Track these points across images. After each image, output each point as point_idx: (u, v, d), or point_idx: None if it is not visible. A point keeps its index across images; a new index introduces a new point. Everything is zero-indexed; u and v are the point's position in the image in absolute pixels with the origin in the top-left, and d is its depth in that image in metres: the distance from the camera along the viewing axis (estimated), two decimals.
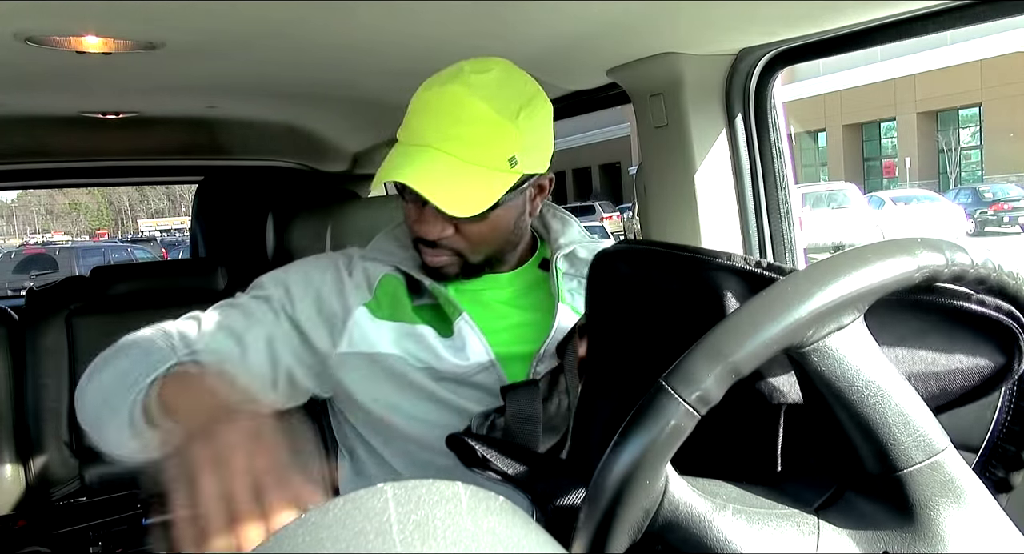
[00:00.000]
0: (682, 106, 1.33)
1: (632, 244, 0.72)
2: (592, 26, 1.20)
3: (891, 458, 0.51)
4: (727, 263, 0.64)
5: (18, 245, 25.76)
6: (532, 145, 0.97)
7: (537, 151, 0.99)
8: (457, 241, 1.00)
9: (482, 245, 1.01)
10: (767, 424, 0.64)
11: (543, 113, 1.00)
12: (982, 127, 20.26)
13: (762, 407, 0.64)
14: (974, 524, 0.51)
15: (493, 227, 1.00)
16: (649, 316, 0.68)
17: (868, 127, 22.97)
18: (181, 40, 1.20)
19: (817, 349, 0.51)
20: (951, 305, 0.59)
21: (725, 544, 0.50)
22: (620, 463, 0.47)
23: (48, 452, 1.95)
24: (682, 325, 0.65)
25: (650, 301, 0.68)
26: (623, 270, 0.70)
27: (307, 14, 1.10)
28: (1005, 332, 0.60)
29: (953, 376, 0.60)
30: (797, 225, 1.41)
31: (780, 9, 1.08)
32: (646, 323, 0.68)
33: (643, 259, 0.69)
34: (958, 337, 0.60)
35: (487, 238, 1.01)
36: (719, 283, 0.63)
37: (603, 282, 0.71)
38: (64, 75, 1.41)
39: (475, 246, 1.01)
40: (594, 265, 0.72)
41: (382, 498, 0.40)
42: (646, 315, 0.68)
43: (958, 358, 0.60)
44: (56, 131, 2.02)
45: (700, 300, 0.64)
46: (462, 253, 1.01)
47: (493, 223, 0.99)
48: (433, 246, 1.00)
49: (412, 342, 1.01)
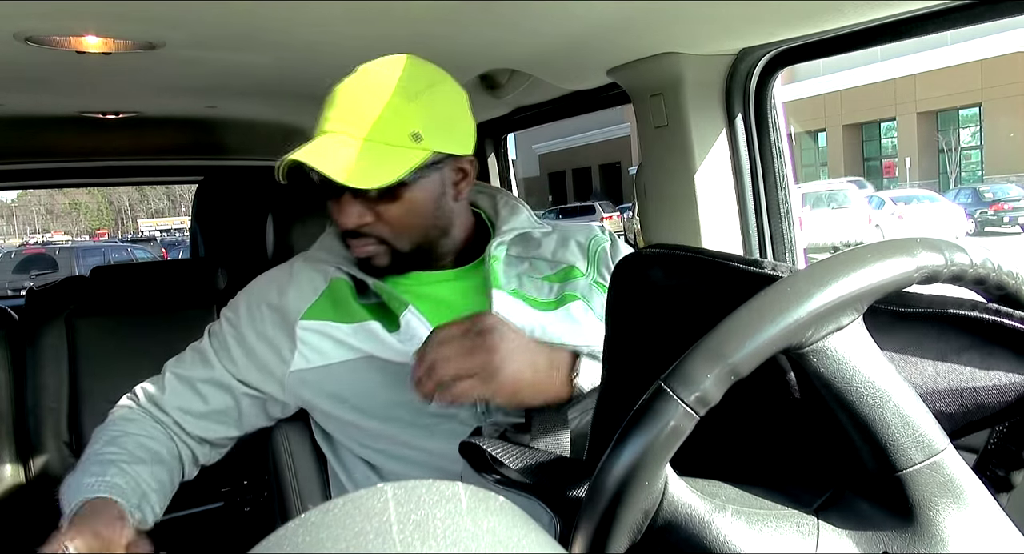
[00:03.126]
0: (682, 106, 1.33)
1: (666, 248, 0.69)
2: (592, 26, 1.20)
3: (891, 458, 0.51)
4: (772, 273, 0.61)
5: (18, 245, 25.77)
6: (438, 123, 0.96)
7: (446, 130, 0.98)
8: (378, 228, 0.99)
9: (403, 230, 0.99)
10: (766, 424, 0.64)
11: (452, 96, 1.00)
12: (982, 127, 20.26)
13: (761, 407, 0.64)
14: (974, 524, 0.51)
15: (410, 209, 0.98)
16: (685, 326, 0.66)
17: (868, 127, 22.97)
18: (181, 40, 1.21)
19: (816, 350, 0.51)
20: (991, 322, 0.59)
21: (725, 545, 0.50)
22: (619, 464, 0.47)
23: (48, 452, 1.95)
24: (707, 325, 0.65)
25: (688, 311, 0.65)
26: (657, 275, 0.67)
27: (307, 14, 1.10)
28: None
29: (990, 392, 0.60)
30: (797, 225, 1.41)
31: (780, 9, 1.08)
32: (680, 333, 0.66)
33: (681, 266, 0.67)
34: (997, 354, 0.60)
35: (406, 222, 0.99)
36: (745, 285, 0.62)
37: (633, 287, 0.68)
38: (64, 75, 1.41)
39: (397, 231, 0.99)
40: (622, 267, 0.69)
41: (382, 498, 0.40)
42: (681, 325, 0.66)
43: (996, 374, 0.60)
44: (56, 131, 2.02)
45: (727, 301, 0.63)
46: (387, 240, 1.00)
47: (409, 205, 0.98)
48: (356, 236, 1.00)
49: (361, 340, 1.01)
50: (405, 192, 0.96)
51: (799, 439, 0.64)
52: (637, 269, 0.69)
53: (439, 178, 1.00)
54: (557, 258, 1.10)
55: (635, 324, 0.69)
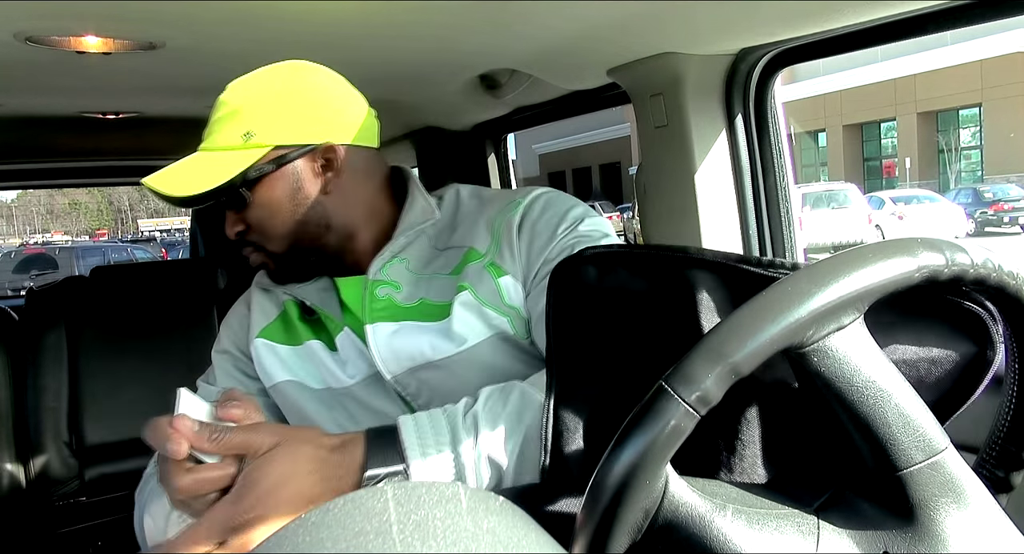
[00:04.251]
0: (682, 106, 1.33)
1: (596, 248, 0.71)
2: (592, 26, 1.20)
3: (891, 458, 0.51)
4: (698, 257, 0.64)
5: (18, 245, 25.77)
6: (275, 118, 0.93)
7: (287, 123, 0.94)
8: (252, 235, 0.98)
9: (269, 232, 0.97)
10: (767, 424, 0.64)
11: (297, 86, 0.96)
12: (982, 127, 20.25)
13: (763, 406, 0.64)
14: (974, 524, 0.51)
15: (265, 209, 0.95)
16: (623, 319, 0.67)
17: (868, 127, 22.97)
18: (181, 40, 1.20)
19: (817, 349, 0.51)
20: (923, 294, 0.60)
21: (725, 544, 0.50)
22: (620, 463, 0.47)
23: (48, 452, 1.95)
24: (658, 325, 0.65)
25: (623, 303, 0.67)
26: (591, 274, 0.69)
27: (307, 14, 1.10)
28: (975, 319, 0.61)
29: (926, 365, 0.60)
30: (797, 225, 1.41)
31: (780, 9, 1.08)
32: (620, 326, 0.67)
33: (611, 262, 0.68)
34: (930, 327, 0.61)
35: (268, 224, 0.96)
36: (692, 279, 0.63)
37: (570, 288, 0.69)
38: (64, 75, 1.41)
39: (266, 235, 0.97)
40: (558, 272, 0.70)
41: (382, 498, 0.40)
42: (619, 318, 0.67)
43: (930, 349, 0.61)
44: (56, 131, 2.02)
45: (674, 297, 0.64)
46: (262, 246, 0.98)
47: (264, 206, 0.95)
48: (241, 246, 0.99)
49: (302, 361, 0.98)
50: (255, 194, 0.94)
51: (800, 439, 0.64)
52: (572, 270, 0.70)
53: (290, 173, 0.95)
54: (458, 242, 0.99)
55: (577, 326, 0.69)
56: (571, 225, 0.94)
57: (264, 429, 0.73)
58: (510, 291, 0.92)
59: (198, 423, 0.70)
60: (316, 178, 0.96)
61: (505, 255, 0.93)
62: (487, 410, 0.75)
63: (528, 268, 0.93)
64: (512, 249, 0.93)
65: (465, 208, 1.03)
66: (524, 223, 0.95)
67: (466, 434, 0.73)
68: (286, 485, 0.69)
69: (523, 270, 0.93)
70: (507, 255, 0.93)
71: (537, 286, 0.91)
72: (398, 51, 1.36)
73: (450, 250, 0.98)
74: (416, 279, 0.97)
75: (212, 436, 0.69)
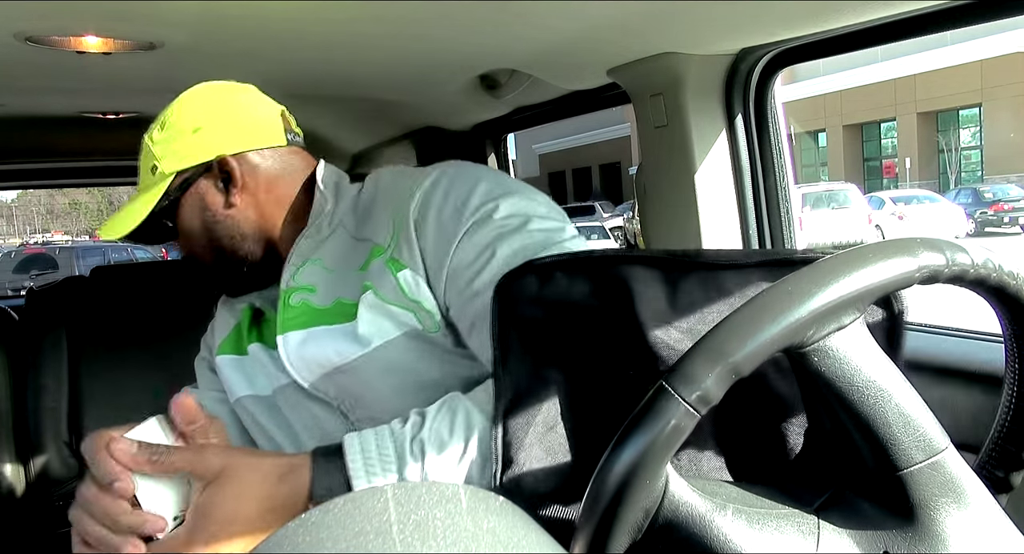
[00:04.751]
0: (682, 106, 1.33)
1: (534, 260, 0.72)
2: (592, 26, 1.20)
3: (891, 458, 0.51)
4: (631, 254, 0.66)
5: (18, 245, 25.76)
6: (172, 145, 0.97)
7: (182, 147, 0.97)
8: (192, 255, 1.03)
9: (196, 251, 1.01)
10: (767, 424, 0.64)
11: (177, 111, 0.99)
12: (982, 127, 20.25)
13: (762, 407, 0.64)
14: (974, 524, 0.51)
15: (184, 233, 1.00)
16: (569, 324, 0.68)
17: (868, 127, 22.96)
18: (181, 40, 1.20)
19: (817, 349, 0.51)
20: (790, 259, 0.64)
21: (725, 544, 0.50)
22: (620, 463, 0.47)
23: (48, 452, 1.95)
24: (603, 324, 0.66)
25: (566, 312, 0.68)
26: (532, 285, 0.70)
27: (307, 14, 1.10)
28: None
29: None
30: (797, 225, 1.41)
31: (780, 9, 1.08)
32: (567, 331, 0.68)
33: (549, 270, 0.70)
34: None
35: (191, 243, 1.01)
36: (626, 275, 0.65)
37: (514, 301, 0.70)
38: (64, 75, 1.41)
39: (195, 254, 1.02)
40: (501, 287, 0.71)
41: (382, 498, 0.40)
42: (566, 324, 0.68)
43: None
44: (56, 131, 2.02)
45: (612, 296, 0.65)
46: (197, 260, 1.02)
47: (181, 229, 1.00)
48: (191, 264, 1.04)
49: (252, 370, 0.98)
50: (176, 221, 0.99)
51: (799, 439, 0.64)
52: (514, 283, 0.71)
53: (194, 194, 0.98)
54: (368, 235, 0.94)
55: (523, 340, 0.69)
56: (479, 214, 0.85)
57: (210, 452, 0.73)
58: (410, 285, 0.86)
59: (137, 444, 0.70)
60: (219, 193, 0.98)
61: (403, 250, 0.88)
62: (433, 431, 0.74)
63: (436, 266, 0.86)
64: (411, 243, 0.88)
65: (381, 194, 0.97)
66: (423, 215, 0.88)
67: (412, 458, 0.73)
68: (236, 518, 0.70)
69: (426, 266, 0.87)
70: (405, 250, 0.88)
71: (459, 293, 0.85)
72: (398, 51, 1.35)
73: (361, 243, 0.94)
74: (332, 277, 0.94)
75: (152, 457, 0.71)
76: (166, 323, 2.09)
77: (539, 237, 0.83)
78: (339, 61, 1.41)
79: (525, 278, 0.70)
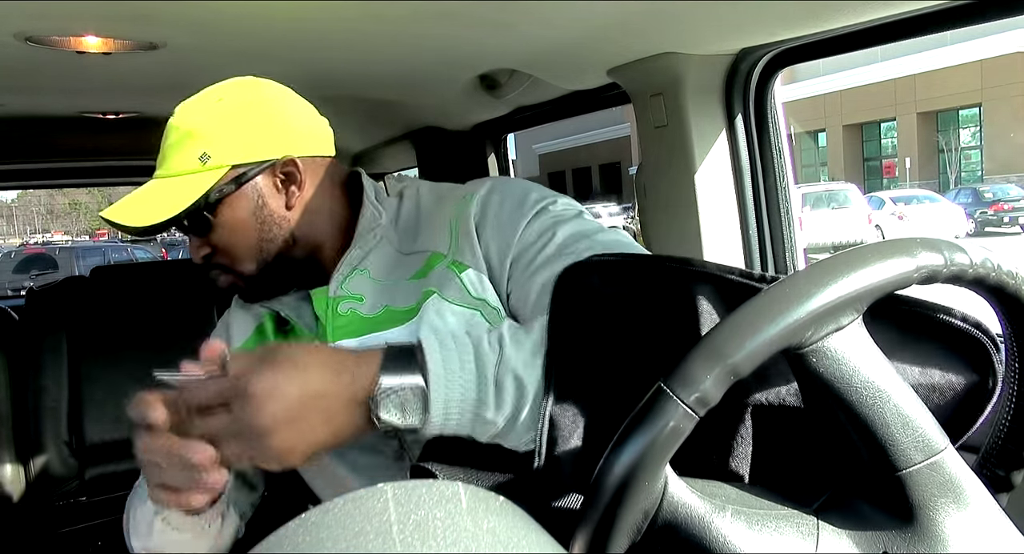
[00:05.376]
0: (682, 106, 1.33)
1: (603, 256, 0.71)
2: (592, 26, 1.20)
3: (891, 458, 0.51)
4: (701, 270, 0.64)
5: (18, 245, 25.77)
6: (230, 136, 0.92)
7: (242, 141, 0.92)
8: (218, 257, 0.96)
9: (235, 253, 0.95)
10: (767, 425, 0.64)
11: (247, 103, 0.95)
12: (982, 127, 20.25)
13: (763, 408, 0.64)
14: (974, 524, 0.51)
15: (230, 230, 0.94)
16: (624, 327, 0.67)
17: (868, 127, 22.96)
18: (181, 40, 1.21)
19: (816, 350, 0.51)
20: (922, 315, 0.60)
21: (725, 545, 0.50)
22: (619, 464, 0.47)
23: (48, 452, 1.95)
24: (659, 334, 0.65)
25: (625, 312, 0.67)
26: (595, 282, 0.69)
27: (307, 14, 1.10)
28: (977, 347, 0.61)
29: (927, 392, 0.60)
30: (797, 225, 1.41)
31: (780, 9, 1.08)
32: (621, 334, 0.67)
33: (616, 271, 0.69)
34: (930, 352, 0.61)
35: (233, 244, 0.95)
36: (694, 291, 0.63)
37: (573, 294, 0.70)
38: (64, 75, 1.41)
39: (232, 257, 0.95)
40: (563, 277, 0.71)
41: (382, 498, 0.40)
42: (621, 326, 0.68)
43: (931, 373, 0.61)
44: (56, 131, 2.02)
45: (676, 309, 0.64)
46: (231, 268, 0.97)
47: (226, 225, 0.94)
48: (209, 270, 0.98)
49: None
50: (219, 216, 0.93)
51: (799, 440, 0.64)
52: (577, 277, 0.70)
53: (252, 190, 0.94)
54: (421, 247, 0.94)
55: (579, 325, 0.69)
56: (539, 207, 0.90)
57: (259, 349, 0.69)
58: (474, 283, 0.88)
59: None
60: (278, 193, 0.95)
61: (465, 251, 0.89)
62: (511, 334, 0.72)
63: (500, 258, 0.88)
64: (472, 244, 0.89)
65: (425, 208, 0.98)
66: (484, 216, 0.90)
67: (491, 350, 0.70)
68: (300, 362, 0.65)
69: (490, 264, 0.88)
70: (467, 251, 0.89)
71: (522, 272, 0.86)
72: (398, 51, 1.36)
73: (414, 255, 0.94)
74: (379, 288, 0.94)
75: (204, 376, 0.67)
76: (166, 323, 2.09)
77: (593, 225, 0.87)
78: (339, 61, 1.41)
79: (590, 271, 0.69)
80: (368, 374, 0.67)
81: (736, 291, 0.63)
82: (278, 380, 0.64)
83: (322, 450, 0.68)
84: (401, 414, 0.67)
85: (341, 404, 0.66)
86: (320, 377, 0.66)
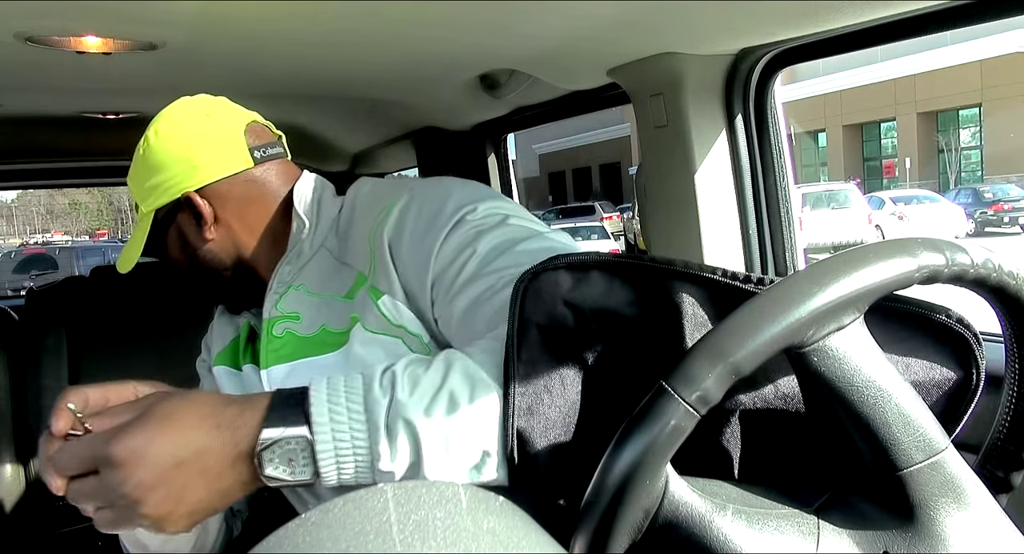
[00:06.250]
0: (682, 106, 1.33)
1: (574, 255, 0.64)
2: (592, 26, 1.20)
3: (891, 458, 0.51)
4: (683, 270, 0.61)
5: (18, 245, 25.76)
6: (143, 184, 1.00)
7: (151, 186, 0.99)
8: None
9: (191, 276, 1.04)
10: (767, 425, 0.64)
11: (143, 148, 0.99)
12: (982, 127, 20.26)
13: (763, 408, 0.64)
14: (974, 524, 0.51)
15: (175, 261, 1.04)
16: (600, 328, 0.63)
17: (868, 127, 22.97)
18: (181, 40, 1.20)
19: (817, 349, 0.51)
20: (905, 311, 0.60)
21: (725, 544, 0.50)
22: (620, 463, 0.47)
23: None
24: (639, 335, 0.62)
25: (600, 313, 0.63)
26: (566, 283, 0.63)
27: (307, 14, 1.10)
28: (960, 342, 0.61)
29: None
30: (797, 225, 1.41)
31: (780, 9, 1.08)
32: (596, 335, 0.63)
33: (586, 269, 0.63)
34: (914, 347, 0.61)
35: (184, 271, 1.04)
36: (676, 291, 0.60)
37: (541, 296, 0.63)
38: (64, 75, 1.41)
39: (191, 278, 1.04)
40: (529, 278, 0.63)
41: (382, 498, 0.40)
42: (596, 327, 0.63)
43: (915, 370, 0.61)
44: (56, 131, 2.02)
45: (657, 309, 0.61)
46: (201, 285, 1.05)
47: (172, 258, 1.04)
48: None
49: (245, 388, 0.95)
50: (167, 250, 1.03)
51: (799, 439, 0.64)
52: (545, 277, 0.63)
53: (174, 230, 1.01)
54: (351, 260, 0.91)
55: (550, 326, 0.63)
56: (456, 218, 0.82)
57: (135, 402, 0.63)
58: (391, 310, 0.83)
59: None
60: (195, 228, 0.99)
61: (381, 277, 0.84)
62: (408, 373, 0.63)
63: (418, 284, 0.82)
64: (387, 268, 0.84)
65: (358, 215, 0.93)
66: (401, 233, 0.84)
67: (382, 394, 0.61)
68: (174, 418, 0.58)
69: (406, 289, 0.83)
70: (382, 276, 0.84)
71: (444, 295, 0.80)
72: (398, 51, 1.35)
73: (346, 268, 0.91)
74: (316, 303, 0.91)
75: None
76: (166, 323, 2.09)
77: (521, 231, 0.79)
78: (339, 61, 1.41)
79: (557, 273, 0.63)
80: (251, 424, 0.59)
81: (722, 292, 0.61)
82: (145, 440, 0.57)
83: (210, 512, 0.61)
84: (288, 469, 0.59)
85: (224, 462, 0.59)
86: (196, 433, 0.58)
